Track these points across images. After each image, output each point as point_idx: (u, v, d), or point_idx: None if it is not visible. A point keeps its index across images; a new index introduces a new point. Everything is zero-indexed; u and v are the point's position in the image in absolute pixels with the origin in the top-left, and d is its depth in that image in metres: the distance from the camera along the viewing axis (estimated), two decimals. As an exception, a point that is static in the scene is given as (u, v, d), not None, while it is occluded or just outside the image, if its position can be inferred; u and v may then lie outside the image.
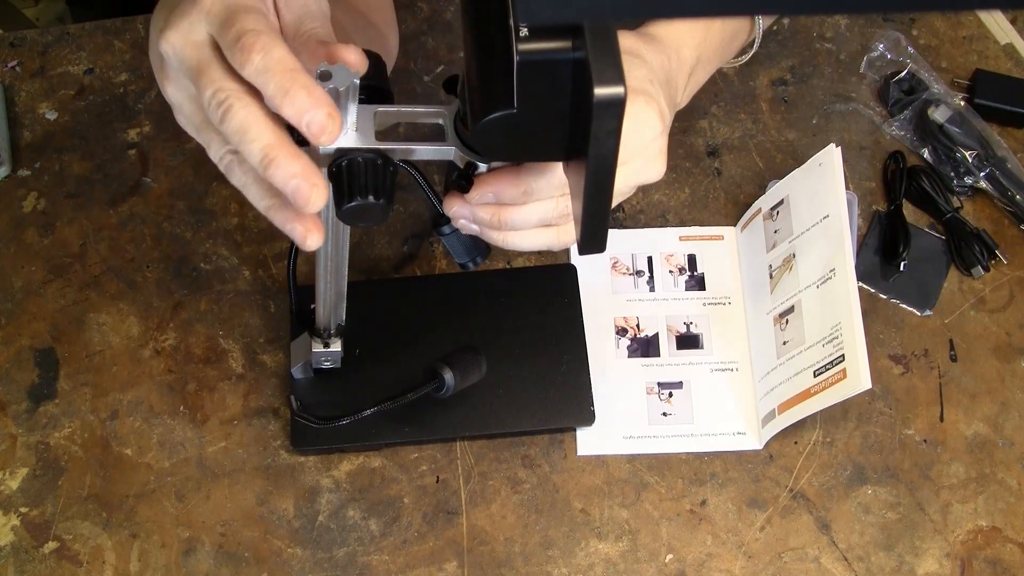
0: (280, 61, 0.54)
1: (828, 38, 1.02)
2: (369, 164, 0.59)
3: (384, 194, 0.59)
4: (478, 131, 0.57)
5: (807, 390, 0.81)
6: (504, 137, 0.57)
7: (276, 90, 0.54)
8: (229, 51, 0.55)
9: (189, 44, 0.57)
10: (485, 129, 0.56)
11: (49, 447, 0.83)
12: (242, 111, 0.55)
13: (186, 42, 0.57)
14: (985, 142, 0.95)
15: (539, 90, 0.54)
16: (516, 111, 0.55)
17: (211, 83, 0.56)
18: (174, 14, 0.58)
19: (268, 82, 0.54)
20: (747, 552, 0.81)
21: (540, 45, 0.53)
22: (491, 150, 0.60)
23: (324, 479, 0.82)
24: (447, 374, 0.80)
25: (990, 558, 0.82)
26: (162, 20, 0.59)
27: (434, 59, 0.99)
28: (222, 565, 0.79)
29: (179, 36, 0.57)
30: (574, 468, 0.84)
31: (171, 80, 0.60)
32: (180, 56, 0.57)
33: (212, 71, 0.56)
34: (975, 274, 0.92)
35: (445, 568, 0.80)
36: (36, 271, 0.89)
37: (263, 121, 0.55)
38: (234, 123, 0.55)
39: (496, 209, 0.65)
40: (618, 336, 0.88)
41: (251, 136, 0.55)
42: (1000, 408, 0.87)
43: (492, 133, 0.57)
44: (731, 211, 0.94)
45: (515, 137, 0.57)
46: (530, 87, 0.54)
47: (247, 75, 0.54)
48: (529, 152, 0.60)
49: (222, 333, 0.87)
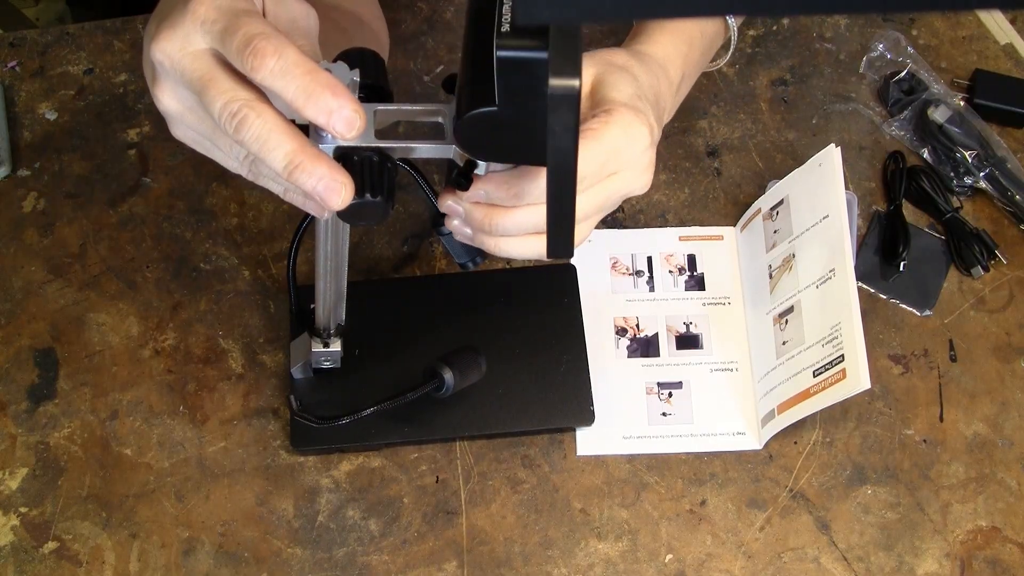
0: (297, 63, 0.53)
1: (828, 38, 1.02)
2: (369, 162, 0.59)
3: (384, 192, 0.59)
4: (462, 126, 0.57)
5: (806, 390, 0.81)
6: (488, 135, 0.57)
7: (298, 92, 0.53)
8: (238, 57, 0.54)
9: (187, 55, 0.56)
10: (468, 124, 0.57)
11: (49, 447, 0.83)
12: (258, 120, 0.55)
13: (183, 53, 0.56)
14: (985, 142, 0.95)
15: (518, 88, 0.55)
16: (497, 109, 0.56)
17: (221, 94, 0.55)
18: (165, 24, 0.57)
19: (288, 85, 0.53)
20: (747, 552, 0.81)
21: (518, 43, 0.53)
22: (476, 148, 0.60)
23: (324, 479, 0.82)
24: (447, 374, 0.80)
25: (990, 558, 0.82)
26: (154, 30, 0.58)
27: (434, 59, 0.99)
28: (222, 565, 0.79)
29: (174, 46, 0.56)
30: (574, 468, 0.84)
31: (167, 90, 0.59)
32: (178, 67, 0.56)
33: (219, 81, 0.55)
34: (975, 274, 0.92)
35: (445, 568, 0.80)
36: (36, 271, 0.89)
37: (281, 128, 0.55)
38: (251, 133, 0.55)
39: (488, 211, 0.65)
40: (618, 336, 0.88)
41: (271, 145, 0.55)
42: (1000, 408, 0.87)
43: (475, 129, 0.57)
44: (731, 211, 0.94)
45: (498, 136, 0.57)
46: (510, 85, 0.55)
47: (260, 79, 0.54)
48: (513, 153, 0.60)
49: (222, 333, 0.87)
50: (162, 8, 0.59)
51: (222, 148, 0.60)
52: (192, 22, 0.55)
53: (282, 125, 0.55)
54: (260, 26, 0.54)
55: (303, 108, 0.54)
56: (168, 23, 0.56)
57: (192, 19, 0.55)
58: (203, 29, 0.56)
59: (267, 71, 0.53)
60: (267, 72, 0.53)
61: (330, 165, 0.56)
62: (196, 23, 0.55)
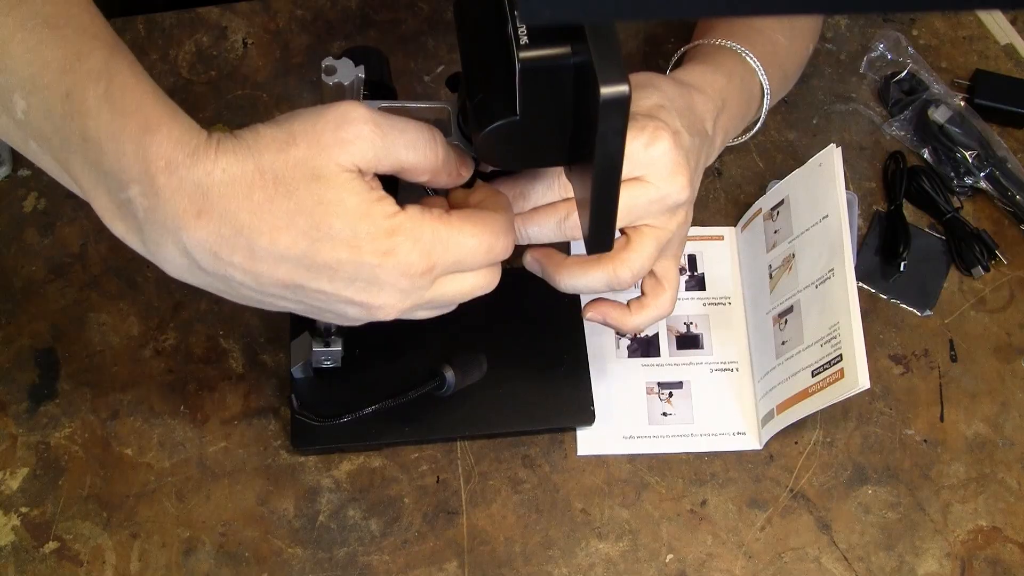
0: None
1: (828, 38, 1.02)
2: None
3: (387, 188, 0.59)
4: (482, 141, 0.57)
5: (805, 390, 0.81)
6: (508, 144, 0.57)
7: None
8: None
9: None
10: (489, 138, 0.57)
11: (49, 447, 0.83)
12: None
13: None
14: (985, 142, 0.95)
15: (541, 96, 0.55)
16: (519, 118, 0.56)
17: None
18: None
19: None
20: (747, 552, 0.81)
21: (541, 52, 0.53)
22: (496, 158, 0.60)
23: (324, 479, 0.82)
24: (448, 372, 0.80)
25: (990, 558, 0.82)
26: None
27: (434, 59, 0.99)
28: (222, 565, 0.79)
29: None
30: (574, 468, 0.84)
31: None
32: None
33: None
34: (975, 274, 0.92)
35: (445, 568, 0.80)
36: (36, 271, 0.89)
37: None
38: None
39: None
40: (618, 336, 0.88)
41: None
42: (1000, 408, 0.87)
43: (496, 142, 0.57)
44: (731, 211, 0.94)
45: (519, 144, 0.58)
46: (532, 94, 0.55)
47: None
48: (533, 158, 0.61)
49: (222, 333, 0.87)
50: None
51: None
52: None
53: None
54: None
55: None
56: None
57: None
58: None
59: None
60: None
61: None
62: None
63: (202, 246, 0.56)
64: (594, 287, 0.72)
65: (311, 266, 0.57)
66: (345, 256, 0.56)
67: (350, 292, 0.58)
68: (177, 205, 0.55)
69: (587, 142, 0.54)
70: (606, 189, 0.56)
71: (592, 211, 0.57)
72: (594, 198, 0.56)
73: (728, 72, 0.81)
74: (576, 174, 0.60)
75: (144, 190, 0.55)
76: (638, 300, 0.76)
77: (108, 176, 0.56)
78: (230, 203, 0.55)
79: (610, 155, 0.54)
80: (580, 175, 0.58)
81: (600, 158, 0.54)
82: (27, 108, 0.56)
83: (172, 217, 0.55)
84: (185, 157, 0.55)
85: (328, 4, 1.02)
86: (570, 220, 0.70)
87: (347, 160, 0.55)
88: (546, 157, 0.60)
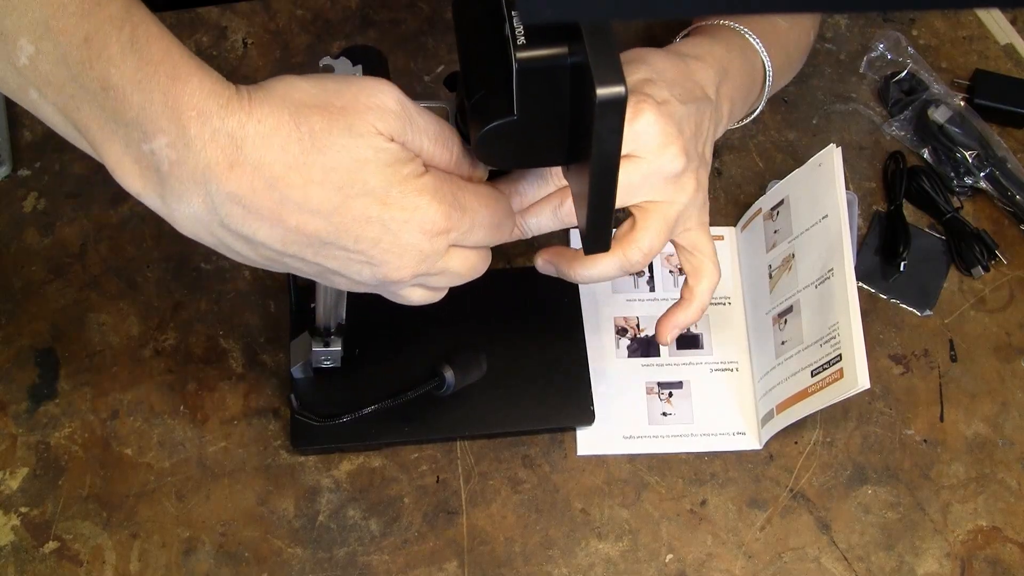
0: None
1: (828, 38, 1.02)
2: None
3: None
4: (480, 140, 0.57)
5: (804, 390, 0.81)
6: (506, 145, 0.57)
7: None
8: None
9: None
10: (487, 138, 0.57)
11: (49, 447, 0.83)
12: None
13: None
14: (985, 142, 0.95)
15: (539, 96, 0.55)
16: (516, 118, 0.56)
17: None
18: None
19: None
20: (747, 552, 0.81)
21: (538, 52, 0.53)
22: (494, 158, 0.60)
23: (324, 479, 0.82)
24: (448, 372, 0.80)
25: (990, 558, 0.82)
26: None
27: (434, 59, 0.99)
28: (222, 565, 0.79)
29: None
30: (574, 468, 0.84)
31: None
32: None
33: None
34: (975, 274, 0.92)
35: (445, 568, 0.80)
36: (36, 271, 0.89)
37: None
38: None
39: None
40: (618, 336, 0.88)
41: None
42: (1000, 408, 0.87)
43: (494, 142, 0.57)
44: (731, 211, 0.94)
45: (516, 144, 0.58)
46: (530, 94, 0.55)
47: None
48: (531, 158, 0.61)
49: (222, 333, 0.87)
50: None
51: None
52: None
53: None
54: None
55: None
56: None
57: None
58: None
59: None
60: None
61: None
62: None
63: (232, 199, 0.54)
64: (609, 274, 0.71)
65: (341, 222, 0.56)
66: (375, 213, 0.56)
67: (374, 251, 0.57)
68: (209, 156, 0.53)
69: (584, 142, 0.54)
70: (603, 188, 0.56)
71: (590, 210, 0.57)
72: (591, 197, 0.56)
73: (727, 43, 0.80)
74: (574, 173, 0.60)
75: (172, 141, 0.53)
76: (686, 283, 0.75)
77: (130, 127, 0.53)
78: (265, 155, 0.54)
79: (607, 155, 0.54)
80: (578, 174, 0.58)
81: (596, 158, 0.54)
82: (35, 54, 0.52)
83: (203, 169, 0.53)
84: (219, 108, 0.53)
85: (328, 4, 1.02)
86: (565, 207, 0.69)
87: (382, 126, 0.56)
88: (544, 157, 0.60)
